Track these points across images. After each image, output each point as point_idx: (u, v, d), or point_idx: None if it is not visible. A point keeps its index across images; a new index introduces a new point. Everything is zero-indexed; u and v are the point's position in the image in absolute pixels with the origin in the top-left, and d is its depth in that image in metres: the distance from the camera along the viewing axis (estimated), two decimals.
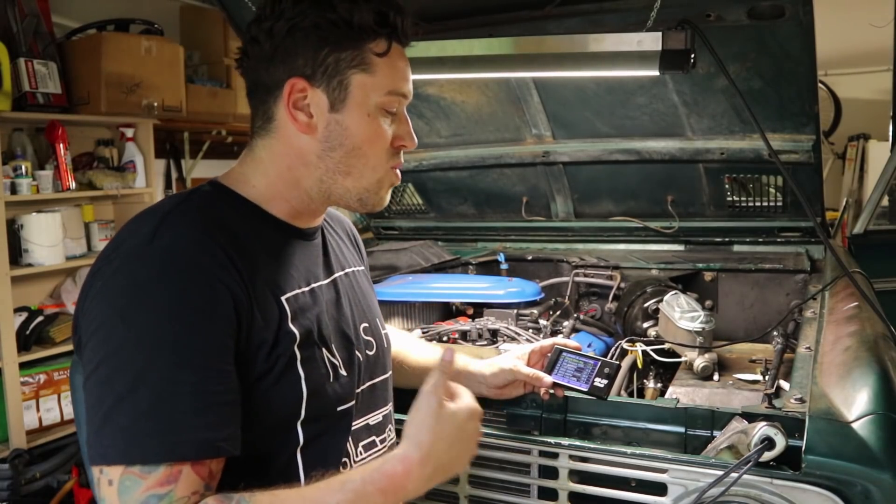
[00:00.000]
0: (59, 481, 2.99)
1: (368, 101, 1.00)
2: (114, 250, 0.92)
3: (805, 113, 1.97)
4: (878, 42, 4.58)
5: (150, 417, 0.82)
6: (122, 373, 0.83)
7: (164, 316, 0.85)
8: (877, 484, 1.04)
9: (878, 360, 1.25)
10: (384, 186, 1.06)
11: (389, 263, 2.41)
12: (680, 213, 2.40)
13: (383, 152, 1.04)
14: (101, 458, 0.82)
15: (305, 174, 1.03)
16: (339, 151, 1.01)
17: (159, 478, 0.81)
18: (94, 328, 0.87)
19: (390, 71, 1.01)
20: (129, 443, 0.81)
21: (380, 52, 1.00)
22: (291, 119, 1.00)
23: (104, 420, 0.83)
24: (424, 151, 2.60)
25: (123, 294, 0.87)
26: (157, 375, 0.83)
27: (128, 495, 0.80)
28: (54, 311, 3.37)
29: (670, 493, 1.17)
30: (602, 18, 1.77)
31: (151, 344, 0.84)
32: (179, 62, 3.65)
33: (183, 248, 0.89)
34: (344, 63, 0.99)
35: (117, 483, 0.81)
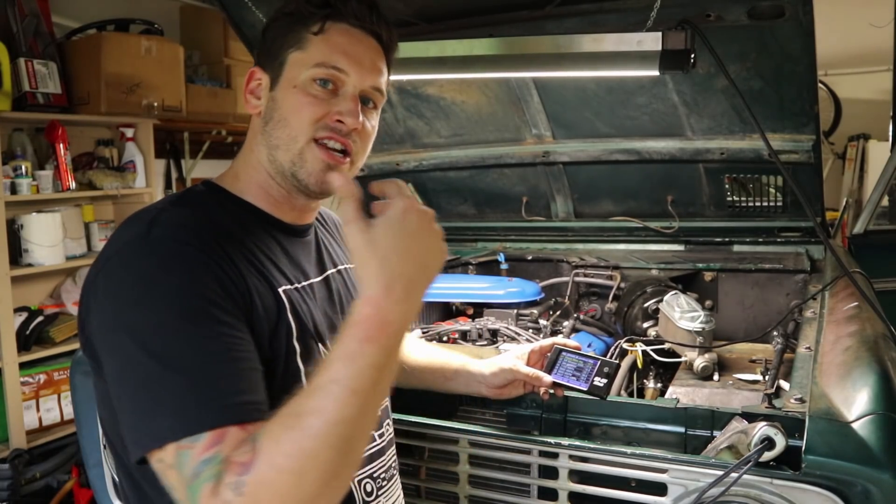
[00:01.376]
0: (59, 481, 2.99)
1: (299, 74, 1.03)
2: (112, 249, 0.93)
3: (805, 113, 1.97)
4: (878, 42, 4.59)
5: (189, 392, 0.82)
6: (153, 357, 0.83)
7: (177, 298, 0.86)
8: (877, 484, 1.04)
9: (878, 360, 1.25)
10: (308, 160, 1.01)
11: None
12: (680, 213, 2.40)
13: (305, 123, 1.01)
14: (156, 439, 0.81)
15: (258, 152, 1.06)
16: (271, 125, 1.04)
17: (205, 443, 0.79)
18: (110, 324, 0.87)
19: (323, 46, 1.03)
20: (176, 419, 0.81)
21: (314, 31, 1.03)
22: (246, 103, 1.08)
23: (147, 405, 0.83)
24: (424, 151, 2.60)
25: (133, 286, 0.87)
26: (187, 353, 0.84)
27: (185, 469, 0.79)
28: (54, 311, 3.37)
29: (670, 493, 1.17)
30: (602, 18, 1.77)
31: (173, 326, 0.84)
32: (179, 62, 3.66)
33: (180, 239, 0.91)
34: (285, 45, 1.04)
35: (175, 462, 0.80)
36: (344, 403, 0.78)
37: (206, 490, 0.76)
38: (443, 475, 1.37)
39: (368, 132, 1.08)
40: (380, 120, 1.14)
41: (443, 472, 1.37)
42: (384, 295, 0.83)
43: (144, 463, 0.84)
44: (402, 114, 2.47)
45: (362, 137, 1.06)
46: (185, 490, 0.79)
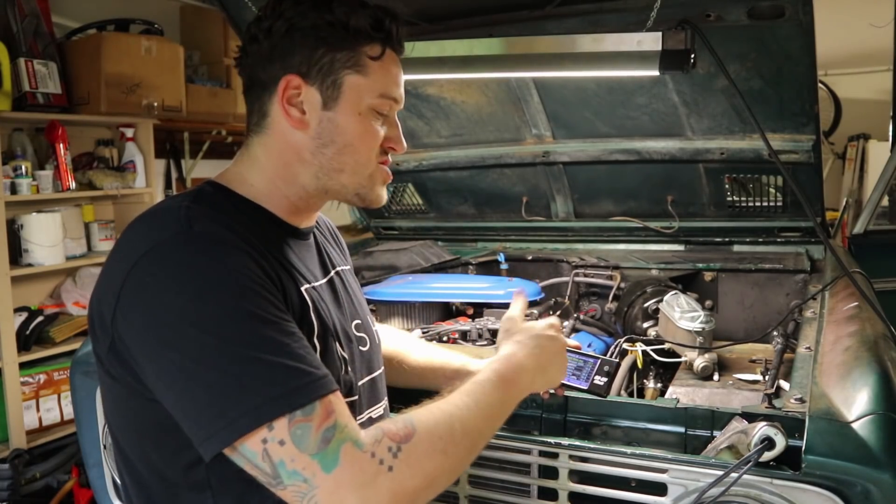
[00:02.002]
0: (59, 481, 2.99)
1: (361, 101, 1.04)
2: (147, 246, 0.90)
3: (805, 113, 1.97)
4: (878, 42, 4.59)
5: (282, 367, 0.85)
6: (232, 343, 0.84)
7: (237, 287, 0.87)
8: (877, 484, 1.04)
9: (878, 360, 1.25)
10: (377, 182, 1.09)
11: (389, 263, 2.41)
12: (680, 213, 2.40)
13: (373, 150, 1.07)
14: (258, 418, 0.82)
15: (301, 170, 1.05)
16: (332, 148, 1.04)
17: (321, 413, 0.84)
18: (173, 318, 0.86)
19: (383, 74, 1.06)
20: (280, 393, 0.83)
21: (374, 55, 1.04)
22: (285, 114, 1.03)
23: (239, 388, 0.83)
24: (424, 151, 2.60)
25: (189, 279, 0.87)
26: (266, 334, 0.86)
27: (306, 441, 0.83)
28: (54, 311, 3.37)
29: (670, 493, 1.17)
30: (602, 18, 1.77)
31: (244, 311, 0.86)
32: (179, 62, 3.66)
33: (221, 233, 0.92)
34: (339, 63, 1.02)
35: (289, 437, 0.82)
36: (483, 420, 0.99)
37: (347, 450, 0.84)
38: None
39: None
40: None
41: None
42: (523, 358, 1.12)
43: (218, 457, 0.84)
44: (402, 114, 2.46)
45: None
46: (308, 459, 0.82)
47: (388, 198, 2.81)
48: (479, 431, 0.97)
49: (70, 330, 3.28)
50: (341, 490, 0.82)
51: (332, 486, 0.82)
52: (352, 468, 0.83)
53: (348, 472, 0.83)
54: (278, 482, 0.84)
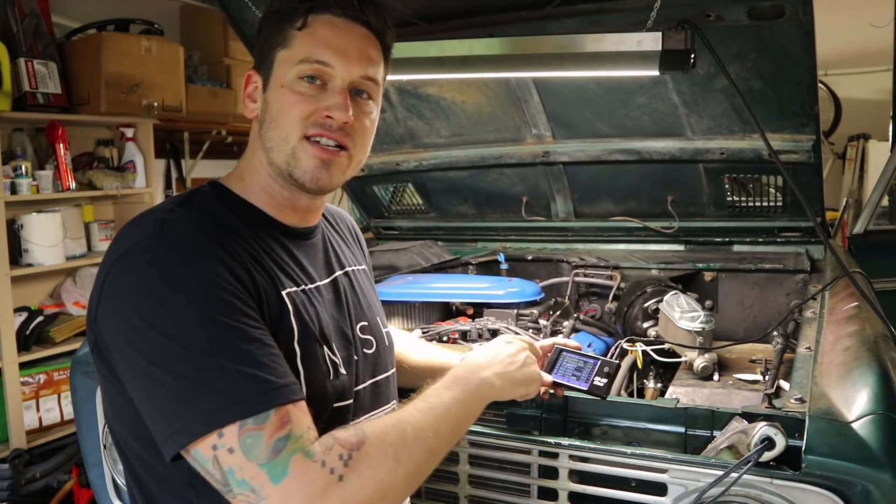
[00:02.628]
0: (59, 481, 2.99)
1: (286, 73, 1.02)
2: (121, 248, 0.92)
3: (805, 113, 1.97)
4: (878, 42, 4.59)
5: (238, 374, 0.84)
6: (190, 348, 0.84)
7: (201, 290, 0.87)
8: (877, 484, 1.04)
9: (878, 360, 1.25)
10: (301, 158, 1.01)
11: (389, 263, 2.41)
12: (680, 213, 2.40)
13: (294, 121, 1.01)
14: (209, 424, 0.82)
15: (258, 157, 1.06)
16: (265, 127, 1.04)
17: (275, 423, 0.83)
18: (132, 321, 0.87)
19: (307, 40, 1.01)
20: (233, 400, 0.82)
21: (298, 26, 1.02)
22: (245, 108, 1.07)
23: (193, 392, 0.83)
24: (424, 151, 2.60)
25: (152, 282, 0.87)
26: (225, 340, 0.85)
27: (256, 450, 0.82)
28: (54, 311, 3.37)
29: (670, 493, 1.17)
30: (602, 18, 1.77)
31: (203, 316, 0.86)
32: (179, 62, 3.66)
33: (193, 236, 0.92)
34: (273, 45, 1.03)
35: (239, 445, 0.82)
36: (436, 421, 0.97)
37: (297, 460, 0.82)
38: (443, 475, 1.37)
39: (365, 126, 1.06)
40: (380, 120, 1.12)
41: (443, 471, 1.37)
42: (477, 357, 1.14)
43: (177, 459, 0.85)
44: (402, 114, 2.47)
45: (358, 131, 1.04)
46: (256, 468, 0.81)
47: (389, 197, 2.84)
48: (434, 433, 0.95)
49: (70, 330, 3.28)
50: (289, 502, 0.81)
51: (280, 498, 0.81)
52: (301, 479, 0.82)
53: (297, 483, 0.81)
54: (228, 490, 0.83)
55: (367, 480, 0.85)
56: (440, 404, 1.00)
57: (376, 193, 2.84)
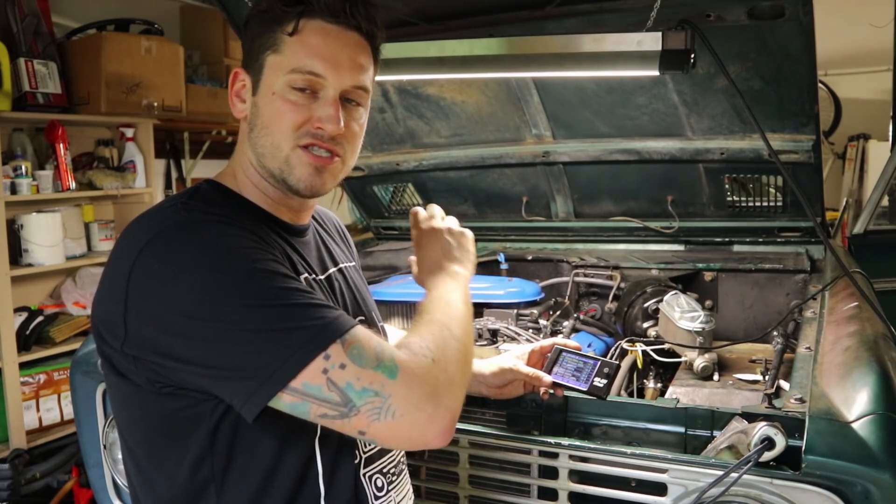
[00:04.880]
0: (59, 481, 2.99)
1: (276, 80, 1.01)
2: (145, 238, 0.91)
3: (805, 113, 1.97)
4: (878, 42, 4.59)
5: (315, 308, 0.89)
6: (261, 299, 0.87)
7: (249, 254, 0.91)
8: (877, 484, 1.04)
9: (878, 360, 1.25)
10: (296, 166, 1.02)
11: (389, 263, 2.41)
12: (680, 213, 2.40)
13: (287, 131, 1.01)
14: (314, 348, 0.85)
15: (249, 158, 1.06)
16: (255, 132, 1.04)
17: (364, 334, 0.90)
18: (193, 296, 0.87)
19: (298, 48, 1.00)
20: (323, 326, 0.87)
21: (289, 31, 1.01)
22: (232, 107, 1.07)
23: (284, 333, 0.86)
24: (424, 151, 2.60)
25: (200, 256, 0.89)
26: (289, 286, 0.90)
27: (364, 358, 0.87)
28: (54, 311, 3.37)
29: (670, 493, 1.17)
30: (602, 18, 1.77)
31: (263, 272, 0.89)
32: (179, 62, 3.66)
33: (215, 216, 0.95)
34: (263, 47, 1.02)
35: (348, 359, 0.86)
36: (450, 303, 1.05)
37: (398, 357, 0.89)
38: (443, 475, 1.37)
39: (355, 132, 1.07)
40: (380, 120, 1.14)
41: (443, 472, 1.37)
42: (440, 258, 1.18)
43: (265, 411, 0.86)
44: (402, 114, 2.47)
45: (349, 139, 1.05)
46: (373, 372, 0.86)
47: (389, 197, 2.84)
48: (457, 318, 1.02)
49: (70, 330, 3.28)
50: (412, 393, 0.87)
51: (404, 390, 0.87)
52: (410, 369, 0.88)
53: (411, 374, 0.88)
54: (350, 407, 0.86)
55: (448, 355, 0.94)
56: (442, 298, 1.06)
57: (376, 193, 2.84)
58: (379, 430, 0.87)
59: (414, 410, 0.87)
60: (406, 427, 0.87)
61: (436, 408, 0.88)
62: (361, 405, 0.86)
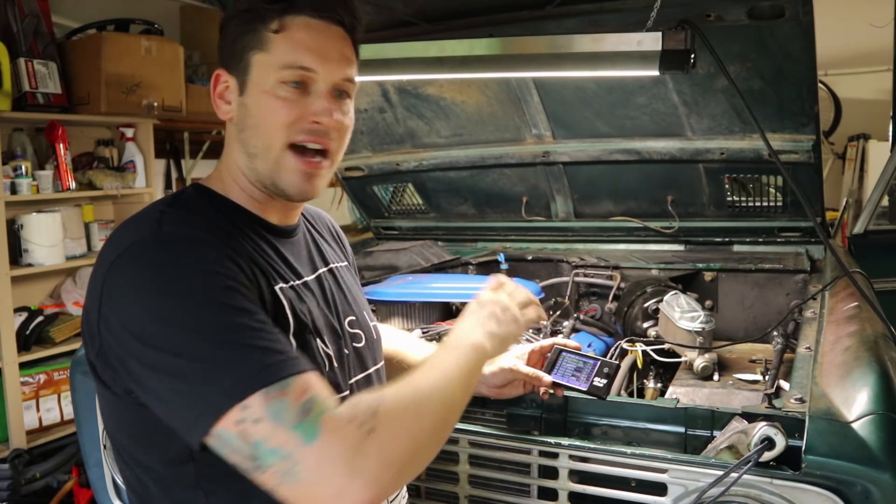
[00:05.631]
0: (59, 481, 2.99)
1: (267, 78, 1.01)
2: (118, 248, 0.92)
3: (805, 113, 1.97)
4: (878, 42, 4.58)
5: (253, 349, 0.85)
6: (201, 333, 0.85)
7: (206, 279, 0.88)
8: (877, 484, 1.04)
9: (878, 360, 1.25)
10: (285, 168, 1.02)
11: (389, 263, 2.41)
12: (680, 213, 2.40)
13: (278, 129, 1.01)
14: (231, 398, 0.81)
15: (237, 161, 1.06)
16: (245, 133, 1.03)
17: (298, 388, 0.83)
18: (144, 317, 0.87)
19: (287, 45, 1.00)
20: (253, 372, 0.83)
21: (274, 29, 1.01)
22: (216, 109, 1.05)
23: (211, 372, 0.83)
24: (424, 151, 2.60)
25: (157, 277, 0.88)
26: (234, 321, 0.86)
27: (284, 415, 0.81)
28: (54, 311, 3.37)
29: (670, 493, 1.17)
30: (602, 18, 1.77)
31: (211, 302, 0.87)
32: (179, 62, 3.65)
33: (191, 234, 0.93)
34: (247, 46, 1.01)
35: (266, 413, 0.81)
36: (443, 378, 0.97)
37: (327, 419, 0.82)
38: (443, 475, 1.37)
39: (346, 125, 1.07)
40: (380, 120, 1.13)
41: (443, 471, 1.37)
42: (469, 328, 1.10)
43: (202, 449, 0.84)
44: (402, 114, 2.47)
45: (340, 132, 1.05)
46: (288, 431, 0.81)
47: (389, 197, 2.84)
48: (444, 389, 0.96)
49: (70, 330, 3.28)
50: (326, 462, 0.80)
51: (316, 458, 0.80)
52: (335, 436, 0.81)
53: (331, 441, 0.81)
54: (258, 465, 0.82)
55: (398, 431, 0.85)
56: (442, 365, 1.00)
57: (376, 193, 2.84)
58: (286, 493, 0.82)
59: (321, 482, 0.80)
60: (311, 497, 0.81)
61: (348, 484, 0.80)
62: (268, 466, 0.81)
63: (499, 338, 1.12)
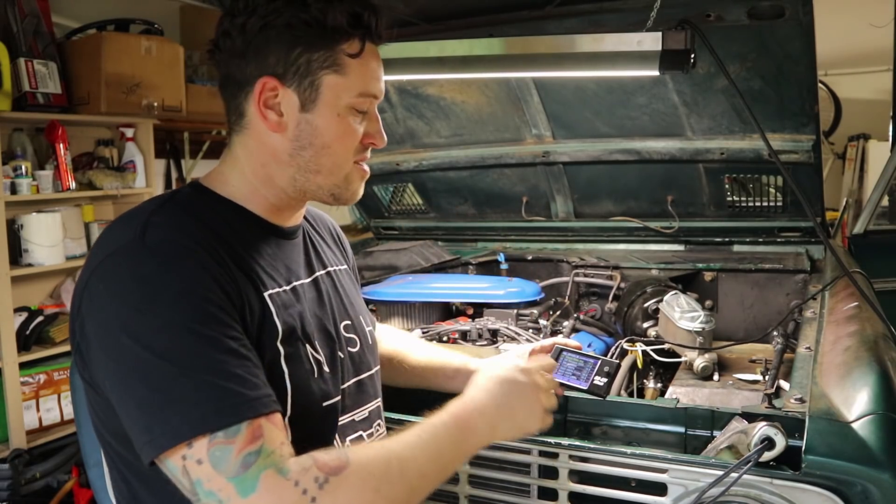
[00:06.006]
0: (59, 481, 2.99)
1: (339, 101, 1.01)
2: (104, 252, 0.92)
3: (805, 113, 1.97)
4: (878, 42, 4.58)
5: (209, 386, 0.83)
6: (163, 358, 0.84)
7: (181, 299, 0.87)
8: (877, 484, 1.04)
9: (878, 360, 1.25)
10: (353, 181, 1.07)
11: (389, 263, 2.41)
12: (680, 213, 2.40)
13: (351, 150, 1.04)
14: (175, 437, 0.81)
15: (278, 172, 1.04)
16: (310, 150, 1.02)
17: (246, 436, 0.82)
18: (112, 328, 0.87)
19: (362, 72, 1.01)
20: (202, 413, 0.82)
21: (353, 52, 1.00)
22: (262, 117, 1.01)
23: (163, 404, 0.83)
24: (424, 151, 2.60)
25: (133, 290, 0.87)
26: (199, 351, 0.85)
27: (224, 464, 0.81)
28: (54, 311, 3.37)
29: (670, 493, 1.17)
30: (602, 18, 1.77)
31: (181, 326, 0.85)
32: (179, 62, 3.65)
33: (174, 241, 0.91)
34: (316, 64, 0.99)
35: (207, 458, 0.81)
36: (425, 460, 0.93)
37: (267, 476, 0.81)
38: None
39: None
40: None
41: None
42: (484, 402, 1.05)
43: (153, 465, 0.84)
44: (402, 114, 2.47)
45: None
46: (224, 481, 0.81)
47: (389, 197, 2.84)
48: (421, 474, 0.92)
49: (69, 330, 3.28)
50: None
51: None
52: (270, 496, 0.80)
53: (266, 499, 0.80)
54: (196, 499, 0.83)
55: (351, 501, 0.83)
56: (436, 447, 0.96)
57: (376, 193, 2.84)
58: None
59: None
60: None
61: None
62: (203, 501, 0.82)
63: (511, 429, 1.09)
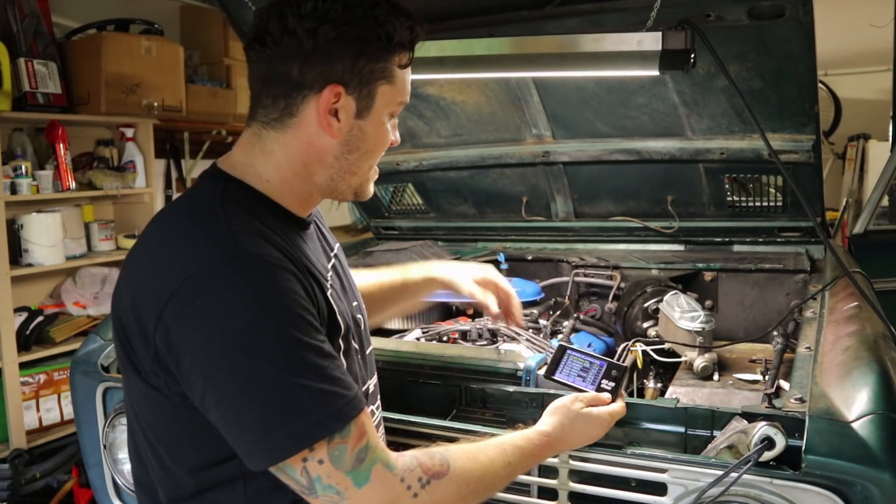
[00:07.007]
0: (59, 481, 2.99)
1: (385, 109, 1.06)
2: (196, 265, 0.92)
3: (805, 113, 1.97)
4: (878, 42, 4.58)
5: (321, 392, 0.91)
6: (278, 369, 0.89)
7: (284, 312, 0.92)
8: (877, 484, 1.04)
9: (878, 360, 1.25)
10: (371, 180, 1.13)
11: (389, 263, 2.41)
12: (680, 213, 2.40)
13: (379, 156, 1.11)
14: (299, 443, 0.89)
15: (319, 171, 1.06)
16: (356, 154, 1.06)
17: (355, 434, 0.92)
18: (223, 343, 0.89)
19: (405, 82, 1.07)
20: (320, 419, 0.90)
21: (403, 63, 1.05)
22: (323, 122, 1.01)
23: (284, 413, 0.89)
24: (424, 151, 2.60)
25: (239, 305, 0.90)
26: (308, 359, 0.91)
27: (342, 461, 0.91)
28: (54, 311, 3.37)
29: (670, 493, 1.17)
30: (602, 18, 1.77)
31: (288, 337, 0.91)
32: (179, 62, 3.66)
33: (266, 253, 0.95)
34: (376, 74, 1.03)
35: (328, 457, 0.90)
36: (509, 476, 1.09)
37: (378, 470, 0.93)
38: None
39: None
40: None
41: None
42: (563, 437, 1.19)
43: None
44: (402, 113, 2.45)
45: None
46: (343, 476, 0.91)
47: (389, 197, 2.84)
48: (496, 488, 1.07)
49: (70, 330, 3.28)
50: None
51: (361, 500, 0.91)
52: (381, 487, 0.92)
53: (377, 489, 0.92)
54: (312, 492, 0.91)
55: (444, 499, 0.96)
56: (517, 469, 1.10)
57: (376, 193, 2.84)
58: None
59: None
60: None
61: None
62: (322, 495, 0.91)
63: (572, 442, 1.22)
